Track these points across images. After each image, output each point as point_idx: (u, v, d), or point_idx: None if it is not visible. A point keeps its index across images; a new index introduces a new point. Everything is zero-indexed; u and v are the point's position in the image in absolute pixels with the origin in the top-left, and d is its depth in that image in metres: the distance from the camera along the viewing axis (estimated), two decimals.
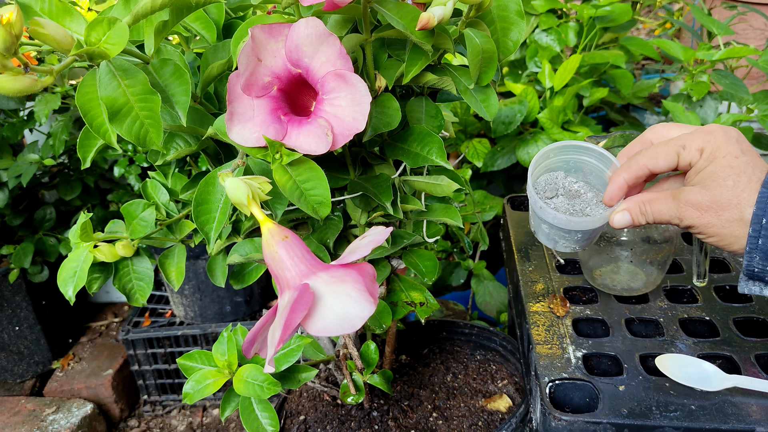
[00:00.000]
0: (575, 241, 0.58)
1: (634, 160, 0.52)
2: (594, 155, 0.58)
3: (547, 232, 0.58)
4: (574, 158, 0.59)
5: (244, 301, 1.37)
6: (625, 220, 0.53)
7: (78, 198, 1.34)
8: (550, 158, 0.59)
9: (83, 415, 1.30)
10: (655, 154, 0.51)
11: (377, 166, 0.58)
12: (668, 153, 0.50)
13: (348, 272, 0.40)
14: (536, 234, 0.61)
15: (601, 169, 0.58)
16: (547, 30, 1.21)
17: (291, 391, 0.85)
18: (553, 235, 0.58)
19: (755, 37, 1.37)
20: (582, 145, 0.58)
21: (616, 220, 0.54)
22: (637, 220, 0.53)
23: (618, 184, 0.53)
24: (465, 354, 0.87)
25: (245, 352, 0.41)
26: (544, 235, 0.59)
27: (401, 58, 0.52)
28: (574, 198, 0.57)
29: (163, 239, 0.63)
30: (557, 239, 0.58)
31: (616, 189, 0.53)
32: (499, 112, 1.16)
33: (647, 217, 0.52)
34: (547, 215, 0.55)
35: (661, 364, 0.59)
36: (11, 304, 1.38)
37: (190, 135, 0.56)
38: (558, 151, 0.59)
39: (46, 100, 1.14)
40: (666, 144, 0.51)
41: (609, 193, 0.54)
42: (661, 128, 0.54)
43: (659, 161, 0.51)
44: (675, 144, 0.50)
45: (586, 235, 0.57)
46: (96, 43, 0.40)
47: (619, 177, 0.53)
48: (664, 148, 0.51)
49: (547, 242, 0.60)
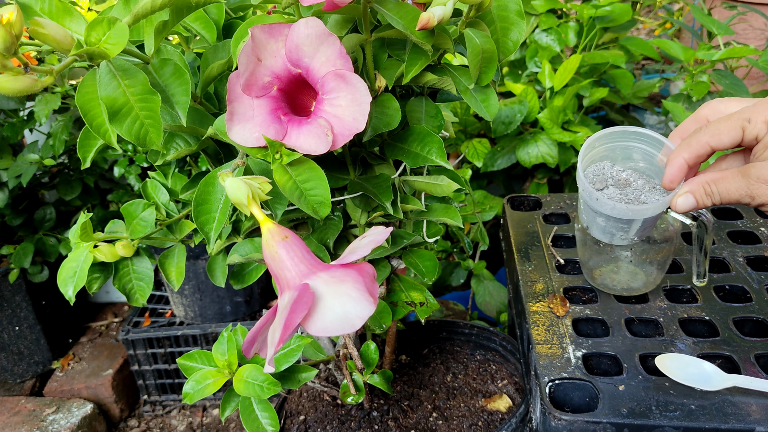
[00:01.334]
0: (632, 232, 0.55)
1: (694, 137, 0.49)
2: (642, 139, 0.55)
3: (602, 226, 0.55)
4: (620, 145, 0.56)
5: (244, 301, 1.37)
6: (689, 202, 0.50)
7: (78, 198, 1.34)
8: (596, 148, 0.57)
9: (83, 415, 1.30)
10: (718, 129, 0.48)
11: (377, 166, 0.58)
12: (732, 128, 0.47)
13: (348, 272, 0.40)
14: (590, 229, 0.58)
15: (651, 153, 0.55)
16: (547, 30, 1.21)
17: (291, 391, 0.85)
18: (610, 228, 0.55)
19: (755, 37, 1.37)
20: (629, 129, 0.55)
21: (680, 203, 0.50)
22: (702, 202, 0.50)
23: (678, 165, 0.50)
24: (465, 354, 0.87)
25: (245, 352, 0.41)
26: (599, 230, 0.56)
27: (401, 58, 0.52)
28: (624, 187, 0.55)
29: (163, 239, 0.63)
30: (614, 232, 0.55)
31: (676, 170, 0.50)
32: (499, 112, 1.16)
33: (713, 198, 0.49)
34: (605, 207, 0.53)
35: (661, 364, 0.59)
36: (11, 304, 1.38)
37: (190, 135, 0.56)
38: (603, 139, 0.56)
39: (46, 100, 1.14)
40: (729, 119, 0.48)
41: (669, 176, 0.50)
42: (717, 104, 0.51)
43: (722, 137, 0.48)
44: (739, 118, 0.47)
45: (643, 224, 0.54)
46: (96, 43, 0.40)
47: (678, 157, 0.50)
48: (727, 123, 0.48)
49: (602, 237, 0.57)
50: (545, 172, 1.27)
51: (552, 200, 0.90)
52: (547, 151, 1.16)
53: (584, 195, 0.55)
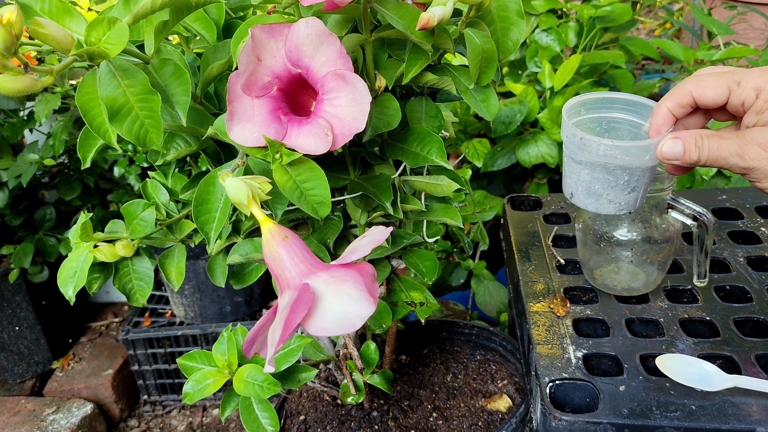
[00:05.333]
0: (622, 190, 0.51)
1: (678, 86, 0.48)
2: (631, 109, 0.53)
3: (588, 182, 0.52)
4: (607, 117, 0.54)
5: (244, 301, 1.37)
6: (676, 149, 0.48)
7: (78, 198, 1.34)
8: (582, 115, 0.54)
9: (83, 415, 1.30)
10: (705, 82, 0.46)
11: (377, 166, 0.58)
12: (719, 84, 0.46)
13: (348, 272, 0.40)
14: (574, 196, 0.55)
15: (639, 124, 0.53)
16: (547, 30, 1.21)
17: (291, 391, 0.85)
18: (596, 186, 0.52)
19: (755, 37, 1.37)
20: (617, 97, 0.53)
21: (666, 147, 0.48)
22: (689, 153, 0.47)
23: (662, 113, 0.49)
24: (465, 354, 0.87)
25: (245, 352, 0.41)
26: (584, 190, 0.53)
27: (401, 58, 0.52)
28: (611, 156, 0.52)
29: (163, 239, 0.63)
30: (600, 192, 0.52)
31: (660, 118, 0.49)
32: (499, 112, 1.16)
33: (701, 152, 0.47)
34: (591, 146, 0.49)
35: (662, 365, 0.58)
36: (11, 304, 1.38)
37: (190, 135, 0.56)
38: (590, 106, 0.54)
39: (46, 100, 1.14)
40: (719, 75, 0.46)
41: (653, 125, 0.49)
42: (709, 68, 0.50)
43: (706, 91, 0.46)
44: (728, 77, 0.46)
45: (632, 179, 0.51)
46: (96, 43, 0.40)
47: (662, 105, 0.49)
48: (716, 79, 0.46)
49: (588, 201, 0.53)
50: (545, 172, 1.27)
51: (552, 200, 0.90)
52: (547, 151, 1.16)
53: (567, 142, 0.52)
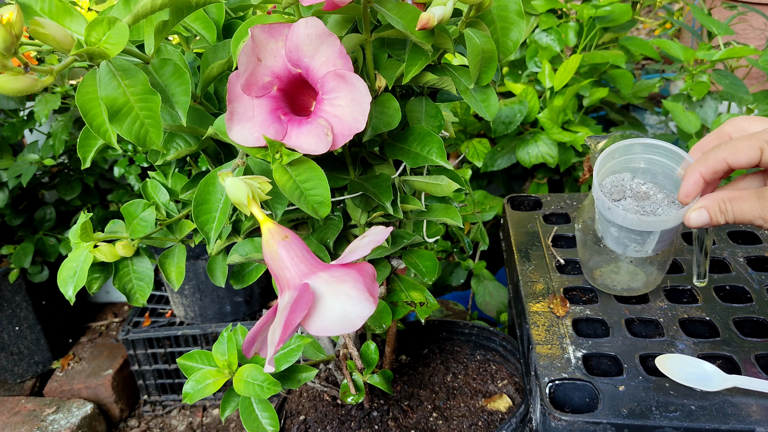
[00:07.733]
0: (648, 245, 0.55)
1: (711, 153, 0.49)
2: (663, 153, 0.55)
3: (615, 236, 0.55)
4: (640, 158, 0.56)
5: (244, 301, 1.37)
6: (702, 218, 0.50)
7: (78, 198, 1.34)
8: (615, 159, 0.56)
9: (83, 415, 1.30)
10: (736, 148, 0.47)
11: (377, 166, 0.58)
12: (750, 147, 0.47)
13: (348, 272, 0.40)
14: (604, 239, 0.58)
15: (671, 167, 0.54)
16: (547, 30, 1.21)
17: (291, 391, 0.85)
18: (623, 239, 0.55)
19: (755, 37, 1.37)
20: (649, 142, 0.55)
21: (693, 218, 0.50)
22: (715, 219, 0.49)
23: (694, 179, 0.49)
24: (465, 354, 0.87)
25: (245, 352, 0.41)
26: (612, 240, 0.56)
27: (401, 58, 0.52)
28: (643, 200, 0.54)
29: (163, 239, 0.63)
30: (627, 243, 0.55)
31: (692, 184, 0.50)
32: (499, 112, 1.16)
33: (727, 216, 0.49)
34: (617, 217, 0.53)
35: (661, 365, 0.58)
36: (11, 304, 1.38)
37: (190, 135, 0.56)
38: (623, 150, 0.56)
39: (46, 100, 1.14)
40: (749, 138, 0.47)
41: (684, 189, 0.50)
42: (741, 121, 0.51)
43: (740, 155, 0.47)
44: (759, 138, 0.47)
45: (660, 238, 0.54)
46: (96, 43, 0.40)
47: (695, 171, 0.49)
48: (747, 142, 0.47)
49: (616, 247, 0.57)
50: (545, 172, 1.27)
51: (552, 200, 0.90)
52: (547, 151, 1.16)
53: (597, 204, 0.55)
